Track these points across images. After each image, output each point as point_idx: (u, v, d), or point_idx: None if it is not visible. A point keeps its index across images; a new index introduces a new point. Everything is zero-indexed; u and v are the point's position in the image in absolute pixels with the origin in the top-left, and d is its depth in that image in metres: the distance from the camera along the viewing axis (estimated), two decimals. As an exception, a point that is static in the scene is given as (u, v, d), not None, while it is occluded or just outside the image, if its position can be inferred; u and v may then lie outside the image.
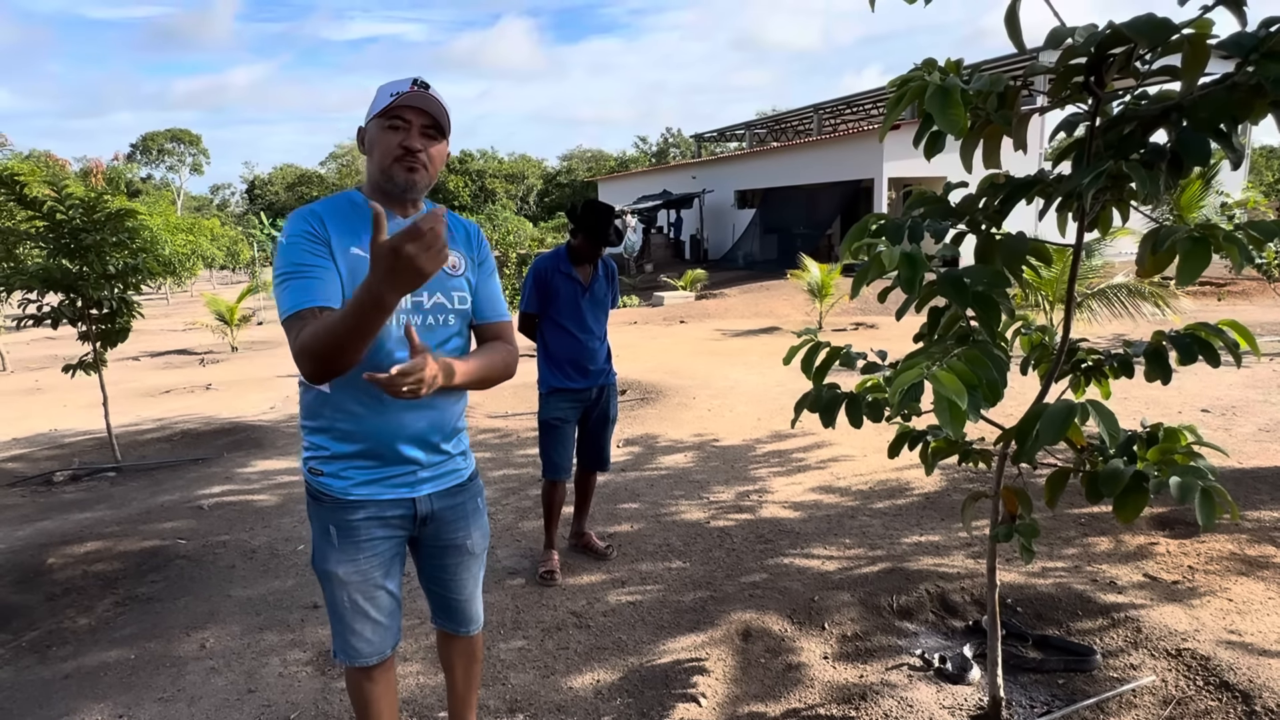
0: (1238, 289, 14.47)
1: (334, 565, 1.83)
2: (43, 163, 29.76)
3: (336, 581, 1.84)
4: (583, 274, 3.55)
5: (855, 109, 29.58)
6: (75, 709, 2.70)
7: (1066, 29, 1.65)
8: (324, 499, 1.83)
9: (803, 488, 4.70)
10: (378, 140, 1.72)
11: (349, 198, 1.81)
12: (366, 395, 1.75)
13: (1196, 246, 1.50)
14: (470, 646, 2.16)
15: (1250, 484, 4.28)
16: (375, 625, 1.89)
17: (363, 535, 1.83)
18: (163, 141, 59.69)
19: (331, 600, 1.88)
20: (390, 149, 1.71)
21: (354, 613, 1.86)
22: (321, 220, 1.71)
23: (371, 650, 1.90)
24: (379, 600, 1.88)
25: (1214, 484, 1.67)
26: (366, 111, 1.76)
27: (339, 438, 1.80)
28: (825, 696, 2.55)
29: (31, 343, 15.99)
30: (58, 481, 5.73)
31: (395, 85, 1.73)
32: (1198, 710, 2.36)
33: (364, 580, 1.85)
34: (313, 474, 1.84)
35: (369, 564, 1.85)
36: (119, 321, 6.03)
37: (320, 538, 1.85)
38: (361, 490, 1.81)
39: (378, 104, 1.72)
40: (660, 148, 63.05)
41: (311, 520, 1.88)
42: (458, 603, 2.06)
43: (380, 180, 1.75)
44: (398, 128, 1.71)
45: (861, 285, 1.77)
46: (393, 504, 1.84)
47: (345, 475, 1.81)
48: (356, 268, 1.69)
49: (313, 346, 1.53)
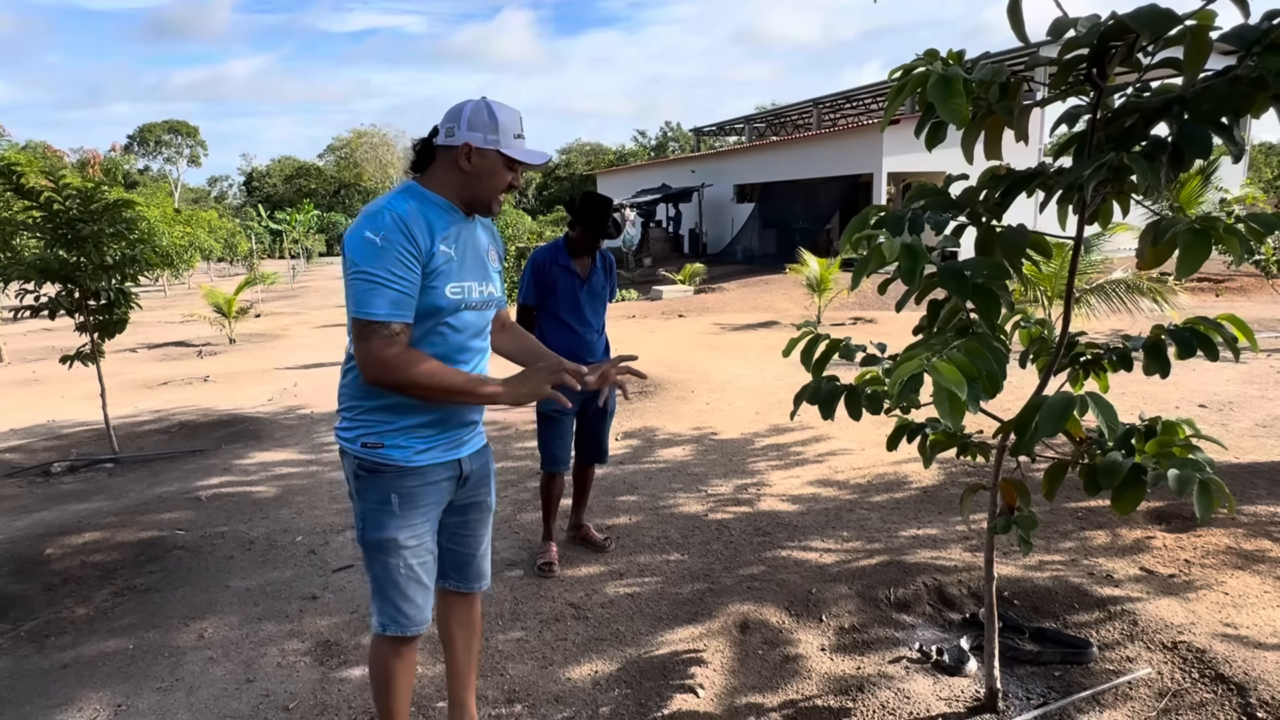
0: (1236, 285, 14.48)
1: (394, 532, 1.94)
2: (39, 153, 29.66)
3: (394, 548, 1.95)
4: (581, 267, 3.54)
5: (855, 104, 29.55)
6: (74, 698, 2.71)
7: (1069, 20, 1.65)
8: (385, 469, 1.93)
9: (801, 481, 4.71)
10: (494, 173, 1.90)
11: (421, 193, 1.91)
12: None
13: (1197, 238, 1.50)
14: (472, 616, 2.26)
15: (1247, 479, 4.29)
16: (425, 591, 2.02)
17: (421, 500, 1.97)
18: (160, 133, 59.47)
19: (385, 570, 1.97)
20: (504, 185, 1.93)
21: (408, 579, 1.98)
22: (415, 226, 1.81)
23: (422, 618, 2.02)
24: (429, 565, 2.03)
25: (1211, 476, 1.67)
26: (469, 123, 1.86)
27: (406, 411, 1.92)
28: (822, 688, 2.56)
29: (29, 334, 15.96)
30: (55, 472, 5.73)
31: (511, 119, 1.90)
32: (1193, 702, 2.38)
33: (419, 544, 1.98)
34: (368, 448, 1.93)
35: (424, 528, 1.99)
36: (116, 313, 6.02)
37: (378, 508, 1.94)
38: (422, 458, 1.95)
39: (503, 139, 1.87)
40: (659, 142, 62.92)
41: (364, 494, 1.96)
42: (474, 558, 2.20)
43: (477, 202, 1.94)
44: (513, 168, 1.92)
45: (862, 276, 1.77)
46: (445, 466, 2.00)
47: (406, 444, 1.94)
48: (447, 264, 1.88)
49: (416, 382, 1.79)
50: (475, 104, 1.88)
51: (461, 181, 1.90)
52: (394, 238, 1.77)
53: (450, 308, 1.89)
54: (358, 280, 1.78)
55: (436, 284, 1.85)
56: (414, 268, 1.80)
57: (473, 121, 1.86)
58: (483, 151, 1.87)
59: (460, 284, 1.91)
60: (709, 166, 27.43)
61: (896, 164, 18.97)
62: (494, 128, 1.86)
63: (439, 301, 1.86)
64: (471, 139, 1.86)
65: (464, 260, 1.93)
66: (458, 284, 1.90)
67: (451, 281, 1.88)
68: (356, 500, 1.99)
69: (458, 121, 1.87)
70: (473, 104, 1.89)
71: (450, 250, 1.88)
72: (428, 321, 1.87)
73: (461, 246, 1.93)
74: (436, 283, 1.85)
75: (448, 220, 1.90)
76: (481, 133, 1.86)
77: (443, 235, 1.87)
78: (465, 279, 1.93)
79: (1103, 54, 1.67)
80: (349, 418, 1.97)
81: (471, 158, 1.87)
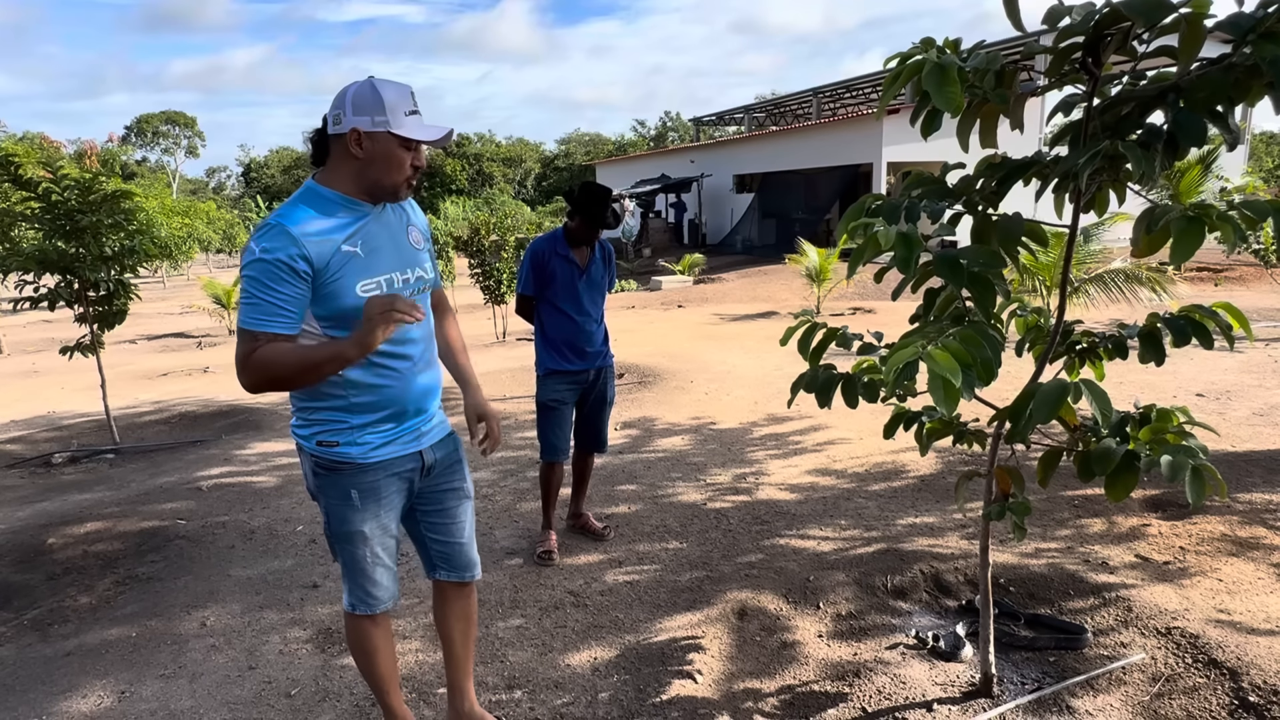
0: (1235, 275, 14.48)
1: (358, 525, 1.98)
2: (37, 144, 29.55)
3: (360, 539, 1.99)
4: (580, 256, 3.55)
5: (855, 93, 29.43)
6: (78, 685, 2.73)
7: (1064, 7, 1.65)
8: (343, 467, 1.94)
9: (799, 470, 4.73)
10: (389, 156, 1.81)
11: (317, 193, 1.84)
12: (383, 369, 1.92)
13: (1190, 225, 1.51)
14: (467, 604, 2.27)
15: (1243, 467, 4.31)
16: (390, 572, 2.08)
17: (382, 493, 1.99)
18: (157, 124, 59.25)
19: (352, 558, 2.01)
20: (402, 168, 1.84)
21: (374, 565, 2.03)
22: (301, 234, 1.76)
23: (388, 596, 2.09)
24: (391, 549, 2.07)
25: (1204, 462, 1.69)
26: (354, 106, 1.77)
27: (357, 410, 1.92)
28: (820, 674, 2.58)
29: (28, 325, 15.95)
30: (57, 463, 5.75)
31: (399, 96, 1.78)
32: (1186, 687, 2.40)
33: (384, 533, 2.03)
34: (324, 446, 1.93)
35: (388, 517, 2.03)
36: (116, 303, 6.02)
37: (340, 504, 1.96)
38: (379, 453, 1.96)
39: (393, 119, 1.77)
40: (658, 132, 62.71)
41: (325, 490, 1.98)
42: (460, 546, 2.21)
43: (379, 189, 1.86)
44: (410, 147, 1.83)
45: (858, 264, 1.78)
46: (406, 459, 2.01)
47: (363, 441, 1.94)
48: (350, 264, 1.82)
49: (270, 371, 1.75)
50: (359, 85, 1.78)
51: (357, 170, 1.82)
52: (275, 250, 1.72)
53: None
54: (240, 288, 1.80)
55: (343, 283, 1.80)
56: (295, 280, 1.74)
57: (357, 104, 1.76)
58: (372, 135, 1.77)
59: (373, 279, 1.85)
60: (708, 156, 27.35)
61: (896, 154, 18.91)
62: (380, 107, 1.75)
63: (349, 301, 1.81)
64: (358, 123, 1.76)
65: (376, 253, 1.87)
66: (369, 280, 1.84)
67: (362, 279, 1.83)
68: (319, 496, 1.99)
69: (343, 107, 1.78)
70: (356, 85, 1.79)
71: (355, 248, 1.82)
72: (348, 324, 1.81)
73: (371, 240, 1.86)
74: (343, 283, 1.80)
75: (349, 216, 1.83)
76: (368, 115, 1.76)
77: (343, 235, 1.80)
78: (379, 272, 1.87)
79: (1098, 42, 1.67)
80: (301, 419, 1.96)
81: (362, 143, 1.78)
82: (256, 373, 1.76)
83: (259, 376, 1.77)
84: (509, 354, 9.93)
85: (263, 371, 1.75)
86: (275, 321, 1.75)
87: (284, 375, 1.77)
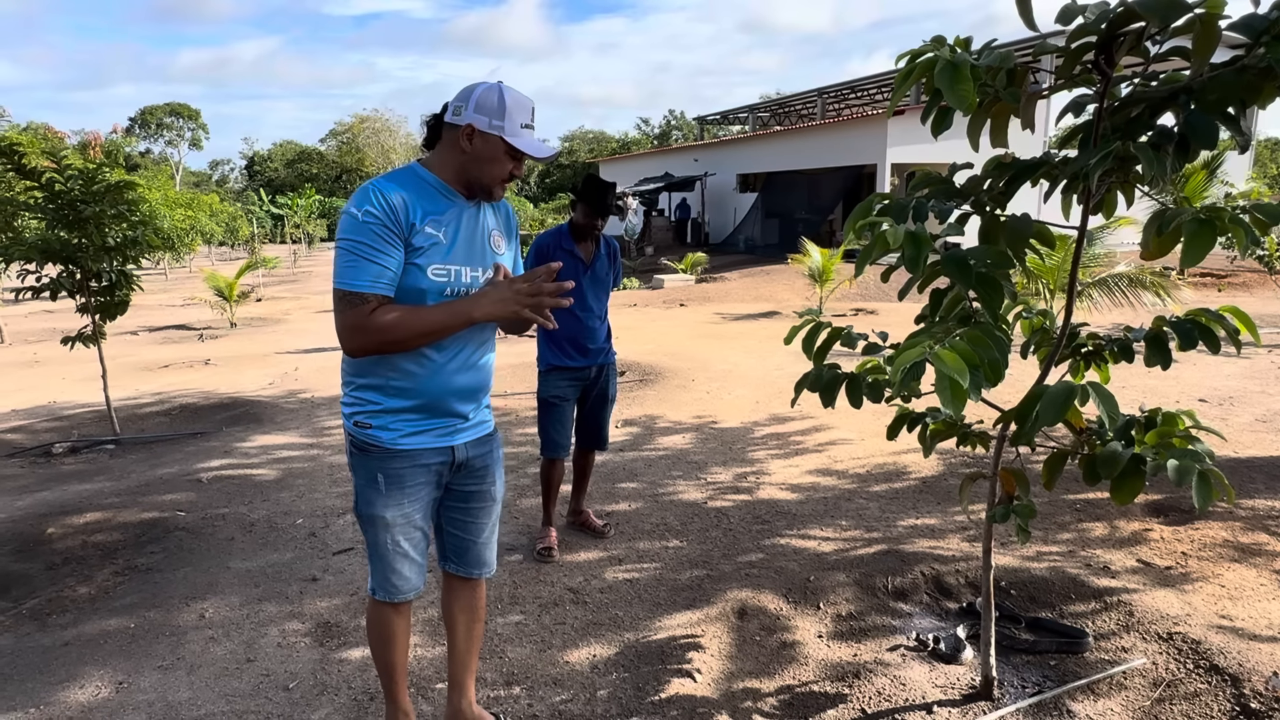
0: (1239, 280, 14.45)
1: (381, 510, 1.98)
2: (41, 135, 29.56)
3: (382, 525, 1.99)
4: (585, 252, 3.54)
5: (859, 93, 29.38)
6: (76, 675, 2.73)
7: (1077, 6, 1.64)
8: (372, 450, 1.95)
9: (800, 470, 4.72)
10: (494, 159, 1.88)
11: (418, 174, 1.92)
12: (423, 356, 1.92)
13: (1201, 228, 1.50)
14: (474, 600, 2.27)
15: (1246, 473, 4.30)
16: (413, 564, 2.07)
17: (408, 482, 1.99)
18: (161, 116, 59.27)
19: (374, 542, 2.03)
20: (504, 173, 1.92)
21: (395, 554, 2.03)
22: (401, 205, 1.82)
23: (409, 587, 2.08)
24: (417, 541, 2.06)
25: (1211, 467, 1.68)
26: (477, 104, 1.85)
27: (392, 394, 1.94)
28: (819, 674, 2.57)
29: (30, 315, 15.96)
30: (57, 453, 5.74)
31: (519, 108, 1.87)
32: (1187, 692, 2.39)
33: (406, 523, 2.02)
34: (359, 427, 1.96)
35: (411, 507, 2.01)
36: (118, 294, 6.02)
37: (366, 485, 1.98)
38: (408, 441, 1.96)
39: (509, 127, 1.84)
40: (662, 130, 62.68)
41: (355, 469, 2.01)
42: (475, 545, 2.20)
43: (476, 186, 1.93)
44: (516, 157, 1.90)
45: (865, 263, 1.77)
46: (435, 452, 2.01)
47: (394, 427, 1.95)
48: (432, 246, 1.87)
49: (387, 334, 1.79)
50: (487, 86, 1.87)
51: (461, 163, 1.89)
52: (375, 214, 1.78)
53: (434, 290, 1.88)
54: (340, 253, 1.82)
55: (419, 264, 1.84)
56: (394, 243, 1.80)
57: (481, 104, 1.84)
58: (485, 136, 1.85)
59: (446, 267, 1.89)
60: (712, 155, 27.31)
61: (901, 155, 18.87)
62: (501, 113, 1.84)
63: (420, 283, 1.85)
64: (476, 121, 1.84)
65: (456, 244, 1.91)
66: (443, 267, 1.88)
67: (435, 264, 1.87)
68: (353, 474, 2.03)
69: (466, 101, 1.86)
70: (485, 86, 1.87)
71: (438, 233, 1.87)
72: (410, 303, 1.86)
73: (455, 230, 1.91)
74: (419, 262, 1.84)
75: (442, 202, 1.89)
76: (487, 116, 1.84)
77: (432, 217, 1.86)
78: (453, 263, 1.91)
79: (1110, 42, 1.66)
80: (347, 393, 2.00)
81: (473, 140, 1.86)
82: (377, 333, 1.79)
83: (377, 338, 1.80)
84: (510, 349, 9.92)
85: (384, 332, 1.79)
86: (380, 283, 1.79)
87: (401, 336, 1.81)
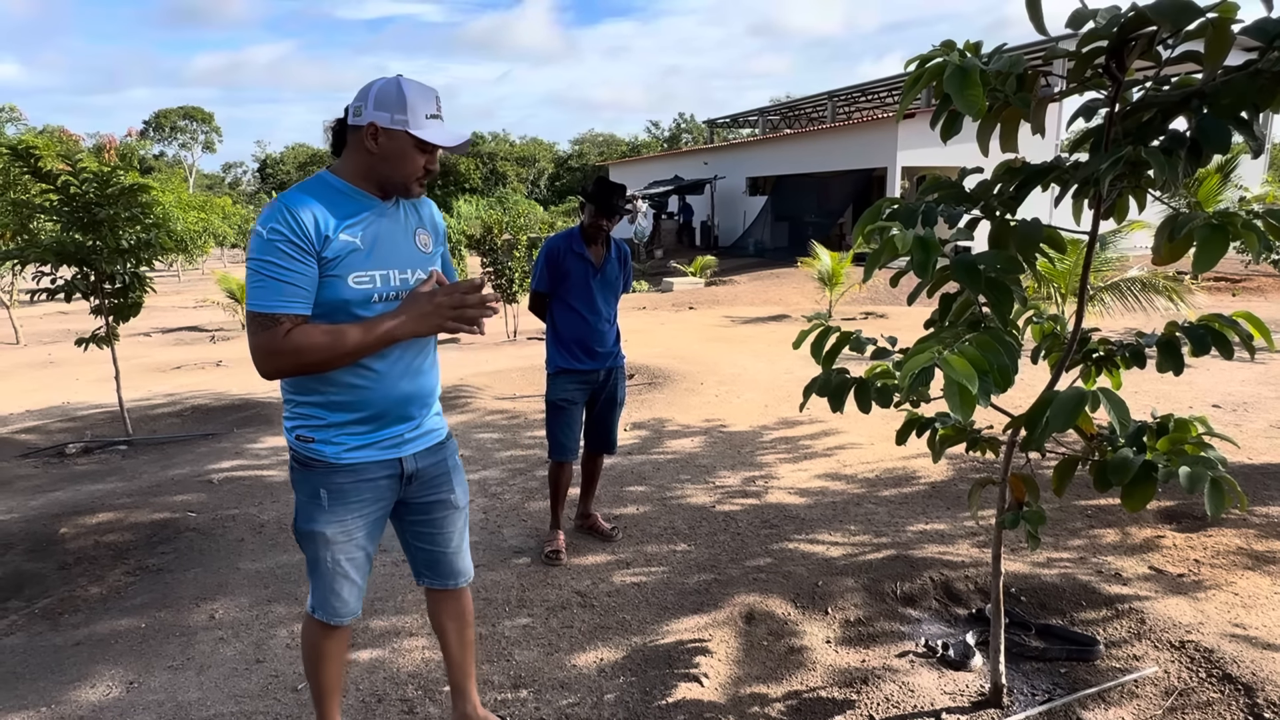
0: (1253, 285, 14.33)
1: (321, 526, 1.92)
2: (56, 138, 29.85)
3: (322, 541, 1.93)
4: (595, 255, 3.54)
5: (870, 97, 29.32)
6: (87, 674, 2.75)
7: (1089, 10, 1.63)
8: (315, 464, 1.90)
9: (809, 474, 4.71)
10: (403, 155, 1.81)
11: (327, 182, 1.84)
12: (364, 369, 1.86)
13: (1214, 234, 1.49)
14: (460, 606, 2.23)
15: (1260, 480, 4.25)
16: (352, 587, 2.01)
17: (352, 497, 1.93)
18: (175, 119, 59.79)
19: (314, 559, 1.97)
20: (417, 169, 1.84)
21: (335, 573, 1.97)
22: (306, 217, 1.75)
23: (347, 611, 2.02)
24: (359, 562, 2.00)
25: (1224, 474, 1.66)
26: (376, 101, 1.77)
27: (335, 408, 1.88)
28: (827, 679, 2.56)
29: (44, 316, 16.11)
30: (70, 453, 5.79)
31: (421, 98, 1.78)
32: (1199, 702, 2.37)
33: (348, 540, 1.95)
34: (301, 441, 1.91)
35: (354, 524, 1.95)
36: (131, 296, 6.07)
37: (308, 501, 1.93)
38: (353, 455, 1.91)
39: (412, 119, 1.77)
40: (672, 133, 62.72)
41: (297, 485, 1.95)
42: (445, 555, 2.15)
43: (390, 185, 1.86)
44: (426, 150, 1.82)
45: (874, 268, 1.76)
46: (382, 465, 1.95)
47: (338, 441, 1.90)
48: (349, 254, 1.80)
49: (303, 357, 1.73)
50: (385, 81, 1.78)
51: (370, 164, 1.82)
52: (281, 230, 1.71)
53: (358, 299, 1.81)
54: (249, 273, 1.76)
55: (338, 274, 1.78)
56: (304, 260, 1.73)
57: (380, 100, 1.76)
58: (390, 132, 1.77)
59: (368, 273, 1.82)
60: (722, 158, 27.31)
61: (911, 158, 18.83)
62: (402, 107, 1.75)
63: (343, 293, 1.79)
64: (378, 118, 1.76)
65: (377, 247, 1.84)
66: (364, 273, 1.81)
67: (356, 271, 1.80)
68: (294, 489, 1.97)
69: (366, 100, 1.78)
70: (382, 81, 1.78)
71: (354, 239, 1.79)
72: (337, 315, 1.80)
73: (374, 234, 1.84)
74: (338, 272, 1.77)
75: (355, 207, 1.82)
76: (389, 112, 1.76)
77: (347, 224, 1.79)
78: (376, 267, 1.83)
79: (1122, 46, 1.65)
80: (288, 410, 1.95)
81: (378, 138, 1.78)
82: (291, 356, 1.72)
83: (292, 360, 1.74)
84: (519, 352, 9.94)
85: (300, 355, 1.72)
86: (293, 302, 1.73)
87: (319, 359, 1.75)
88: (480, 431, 5.85)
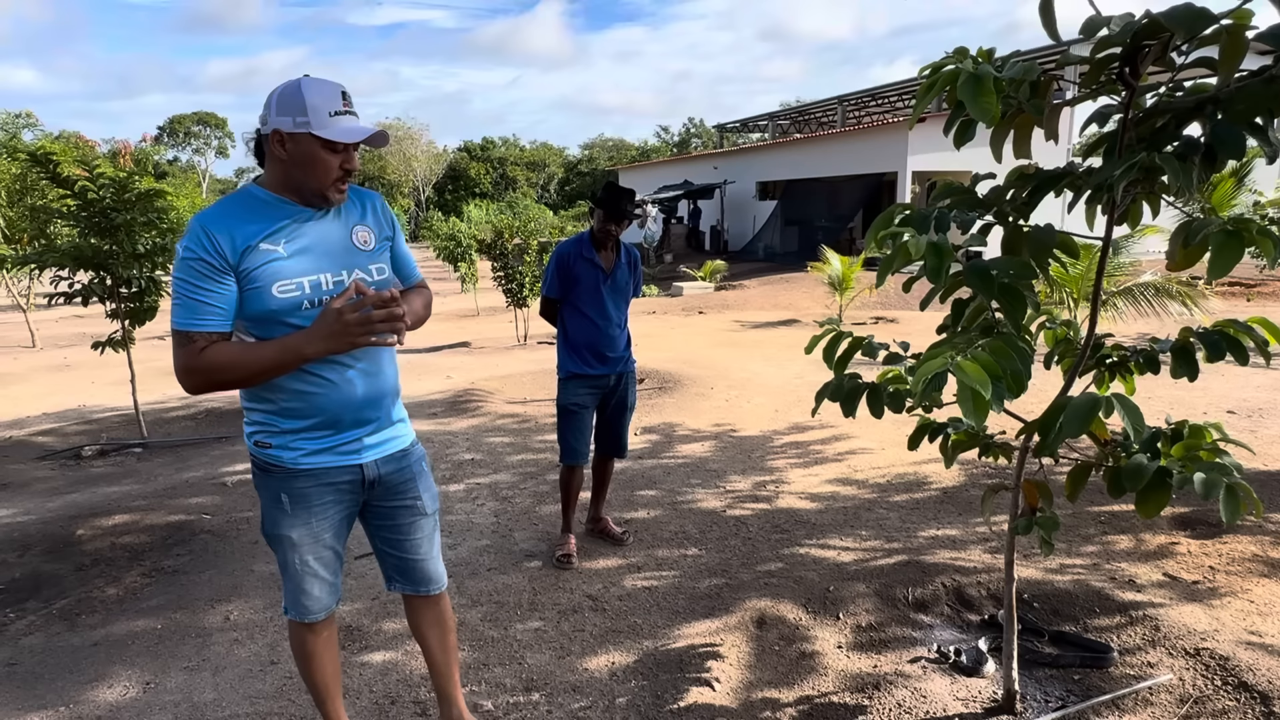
0: (1268, 290, 14.20)
1: (286, 529, 1.94)
2: (72, 143, 30.19)
3: (289, 544, 1.95)
4: (605, 260, 3.56)
5: (880, 101, 29.31)
6: (104, 675, 2.78)
7: (1102, 18, 1.63)
8: (274, 470, 1.91)
9: (820, 479, 4.70)
10: (313, 158, 1.75)
11: (250, 194, 1.83)
12: (315, 375, 1.85)
13: (1229, 239, 1.49)
14: (438, 613, 2.21)
15: (1276, 486, 4.22)
16: (324, 584, 2.02)
17: (314, 501, 1.93)
18: (189, 124, 60.29)
19: (284, 561, 1.99)
20: (331, 171, 1.78)
21: (304, 573, 1.98)
22: (221, 234, 1.72)
23: (320, 607, 2.04)
24: (327, 560, 2.01)
25: (1239, 480, 1.66)
26: (278, 107, 1.73)
27: (287, 415, 1.88)
28: (839, 685, 2.56)
29: (60, 320, 16.28)
30: (86, 456, 5.85)
31: (323, 97, 1.73)
32: (1215, 710, 2.35)
33: (315, 541, 1.96)
34: (260, 447, 1.91)
35: (320, 526, 1.96)
36: (147, 300, 6.14)
37: (271, 505, 1.94)
38: (310, 460, 1.91)
39: (315, 120, 1.72)
40: (682, 138, 62.78)
41: (260, 490, 1.97)
42: (414, 562, 2.13)
43: (304, 190, 1.81)
44: (337, 150, 1.77)
45: (887, 273, 1.77)
46: (341, 470, 1.95)
47: (295, 447, 1.90)
48: (268, 264, 1.76)
49: (217, 374, 1.74)
50: (285, 85, 1.74)
51: (284, 171, 1.78)
52: (194, 249, 1.71)
53: (286, 308, 1.77)
54: (172, 292, 1.77)
55: (260, 285, 1.75)
56: (218, 278, 1.72)
57: (282, 105, 1.73)
58: (294, 136, 1.73)
59: (294, 280, 1.78)
60: (732, 163, 27.33)
61: (921, 163, 18.79)
62: (302, 108, 1.71)
63: (269, 304, 1.76)
64: (280, 124, 1.73)
65: (302, 254, 1.80)
66: (289, 281, 1.77)
67: (280, 280, 1.76)
68: (258, 494, 1.98)
69: (269, 107, 1.75)
70: (283, 86, 1.75)
71: (276, 247, 1.76)
72: (270, 326, 1.79)
73: (298, 240, 1.80)
74: (260, 284, 1.75)
75: (277, 216, 1.79)
76: (290, 116, 1.72)
77: (267, 234, 1.76)
78: (304, 274, 1.79)
79: (1136, 53, 1.65)
80: (246, 416, 1.95)
81: (285, 144, 1.74)
82: (204, 374, 1.74)
83: (205, 378, 1.75)
84: (530, 357, 9.97)
85: (212, 373, 1.74)
86: (208, 320, 1.73)
87: (234, 377, 1.76)
88: (491, 435, 5.87)
